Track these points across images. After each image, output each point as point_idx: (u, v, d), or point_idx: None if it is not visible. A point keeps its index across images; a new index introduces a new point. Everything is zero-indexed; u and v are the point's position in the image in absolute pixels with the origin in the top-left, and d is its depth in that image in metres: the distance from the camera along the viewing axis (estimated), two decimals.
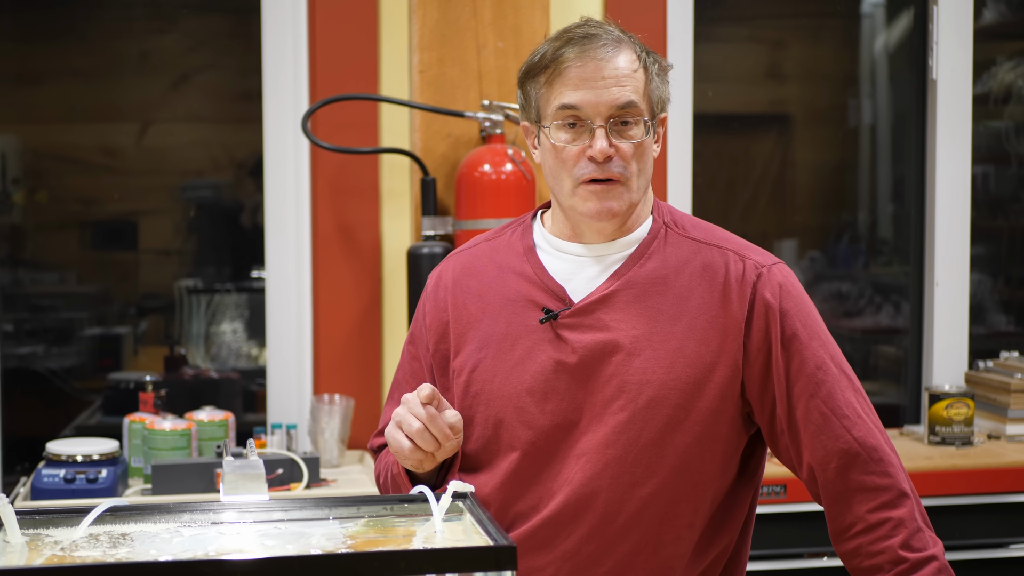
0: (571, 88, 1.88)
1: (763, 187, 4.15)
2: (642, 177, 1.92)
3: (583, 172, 1.90)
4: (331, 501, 1.65)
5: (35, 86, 3.89)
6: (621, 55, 1.89)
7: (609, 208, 1.90)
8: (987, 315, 4.18)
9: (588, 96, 1.88)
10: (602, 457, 1.89)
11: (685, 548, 1.92)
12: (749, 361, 1.91)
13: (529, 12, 3.30)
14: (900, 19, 4.04)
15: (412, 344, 2.09)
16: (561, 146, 1.91)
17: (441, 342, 2.03)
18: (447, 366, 2.02)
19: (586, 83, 1.88)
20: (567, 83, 1.89)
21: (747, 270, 1.93)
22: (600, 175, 1.89)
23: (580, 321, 1.93)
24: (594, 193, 1.90)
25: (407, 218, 3.43)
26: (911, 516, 1.88)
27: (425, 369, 2.06)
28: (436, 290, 2.06)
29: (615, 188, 1.90)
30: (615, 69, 1.88)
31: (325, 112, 3.37)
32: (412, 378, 2.07)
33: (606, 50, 1.88)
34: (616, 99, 1.87)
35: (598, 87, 1.87)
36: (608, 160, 1.89)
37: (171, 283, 3.94)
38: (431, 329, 2.04)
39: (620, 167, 1.89)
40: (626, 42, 1.91)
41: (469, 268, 2.04)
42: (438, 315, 2.04)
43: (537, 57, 1.93)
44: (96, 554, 1.49)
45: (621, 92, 1.87)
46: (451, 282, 2.04)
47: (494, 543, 1.48)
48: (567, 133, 1.90)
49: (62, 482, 2.90)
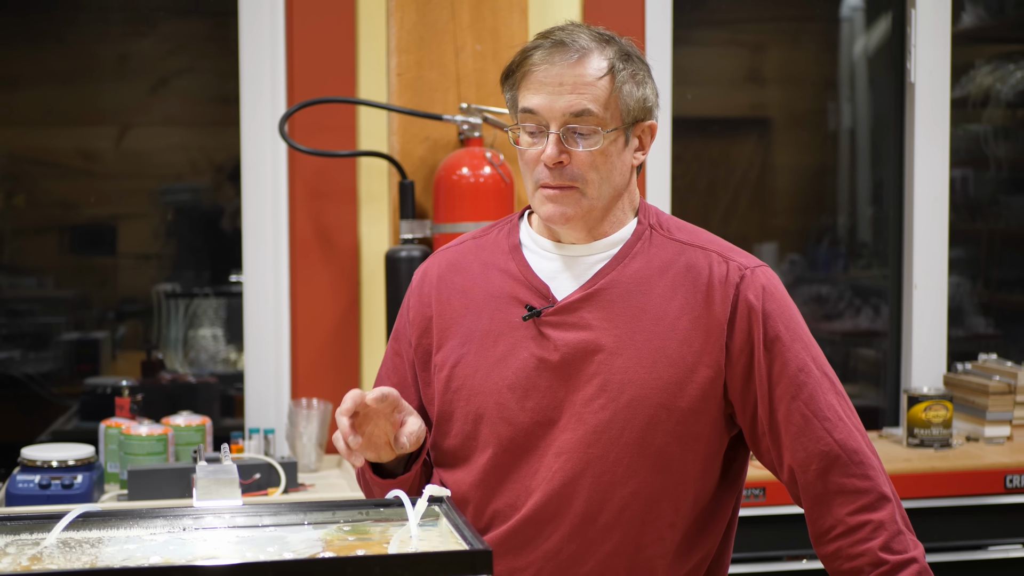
0: (532, 92, 1.90)
1: (743, 190, 4.15)
2: (605, 184, 1.92)
3: (539, 176, 1.91)
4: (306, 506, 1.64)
5: (12, 90, 3.87)
6: (586, 62, 1.88)
7: (563, 213, 1.91)
8: (965, 318, 4.19)
9: (544, 101, 1.89)
10: (583, 456, 1.89)
11: (667, 548, 1.92)
12: (731, 362, 1.91)
13: (507, 15, 3.30)
14: (879, 23, 4.05)
15: (395, 340, 2.09)
16: (524, 149, 1.93)
17: (424, 337, 2.03)
18: (429, 361, 2.02)
19: (545, 87, 1.89)
20: (530, 87, 1.90)
21: (730, 272, 1.93)
22: (551, 181, 1.90)
23: (563, 319, 1.93)
24: (548, 198, 1.91)
25: (385, 221, 3.43)
26: (892, 519, 1.88)
27: (406, 365, 2.06)
28: (421, 285, 2.06)
29: (569, 194, 1.90)
30: (575, 76, 1.88)
31: (303, 115, 3.36)
32: (393, 373, 2.08)
33: (569, 56, 1.88)
34: (570, 106, 1.88)
35: (555, 92, 1.88)
36: (560, 166, 1.89)
37: (150, 287, 3.93)
38: (414, 324, 2.04)
39: (572, 175, 1.90)
40: (595, 50, 1.90)
41: (455, 264, 2.05)
42: (422, 310, 2.04)
43: (513, 59, 1.94)
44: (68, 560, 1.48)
45: (577, 100, 1.87)
46: (436, 278, 2.05)
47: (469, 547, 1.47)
48: (528, 136, 1.92)
49: (37, 488, 2.88)
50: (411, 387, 2.06)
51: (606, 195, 1.93)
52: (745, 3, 4.16)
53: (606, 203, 1.94)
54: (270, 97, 3.44)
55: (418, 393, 2.05)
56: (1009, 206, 4.25)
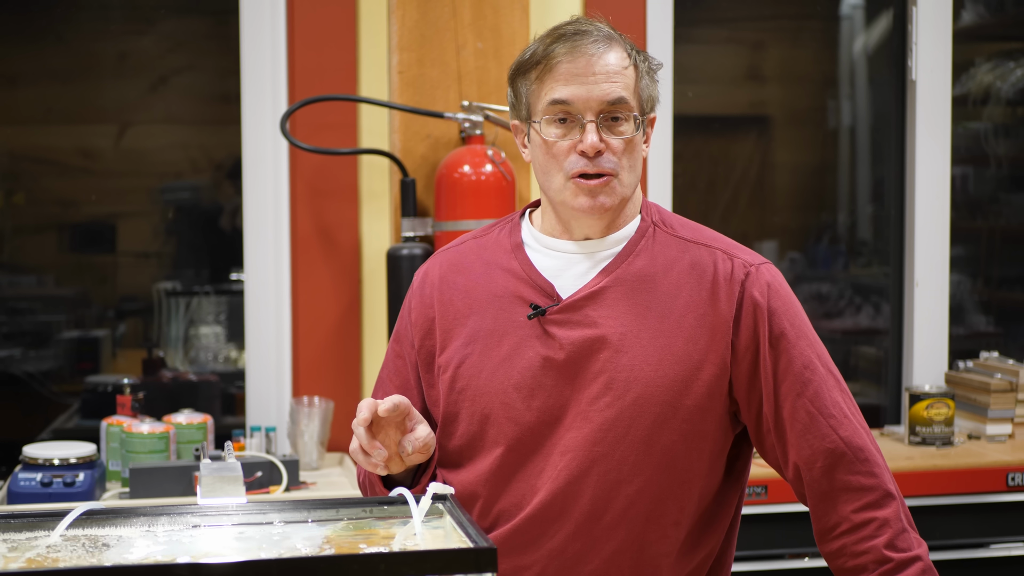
0: (562, 83, 1.89)
1: (743, 188, 4.15)
2: (632, 173, 1.93)
3: (574, 166, 1.90)
4: (310, 504, 1.64)
5: (12, 88, 3.87)
6: (612, 52, 1.90)
7: (601, 204, 1.91)
8: (966, 316, 4.19)
9: (579, 91, 1.88)
10: (588, 454, 1.89)
11: (671, 547, 1.92)
12: (737, 359, 1.91)
13: (509, 13, 3.30)
14: (879, 21, 4.04)
15: (397, 342, 2.09)
16: (552, 141, 1.91)
17: (427, 338, 2.02)
18: (432, 363, 2.02)
19: (577, 78, 1.88)
20: (558, 78, 1.89)
21: (735, 269, 1.93)
22: (591, 170, 1.90)
23: (568, 317, 1.92)
24: (585, 189, 1.90)
25: (387, 219, 3.42)
26: (896, 516, 1.88)
27: (409, 367, 2.05)
28: (423, 287, 2.06)
29: (607, 184, 1.90)
30: (606, 65, 1.89)
31: (304, 113, 3.35)
32: (396, 376, 2.07)
33: (597, 46, 1.89)
34: (607, 94, 1.88)
35: (589, 82, 1.88)
36: (599, 155, 1.89)
37: (150, 285, 3.92)
38: (416, 325, 2.03)
39: (610, 162, 1.90)
40: (617, 40, 1.92)
41: (456, 265, 2.04)
42: (424, 311, 2.03)
43: (528, 54, 1.94)
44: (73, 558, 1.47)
45: (612, 88, 1.88)
46: (438, 279, 2.04)
47: (474, 545, 1.47)
48: (558, 128, 1.91)
49: (39, 486, 2.88)
50: (414, 389, 2.05)
51: (633, 184, 1.95)
52: (745, 1, 4.15)
53: (631, 193, 1.95)
54: (271, 95, 3.44)
55: (421, 395, 2.05)
56: (1009, 204, 4.25)
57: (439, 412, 2.01)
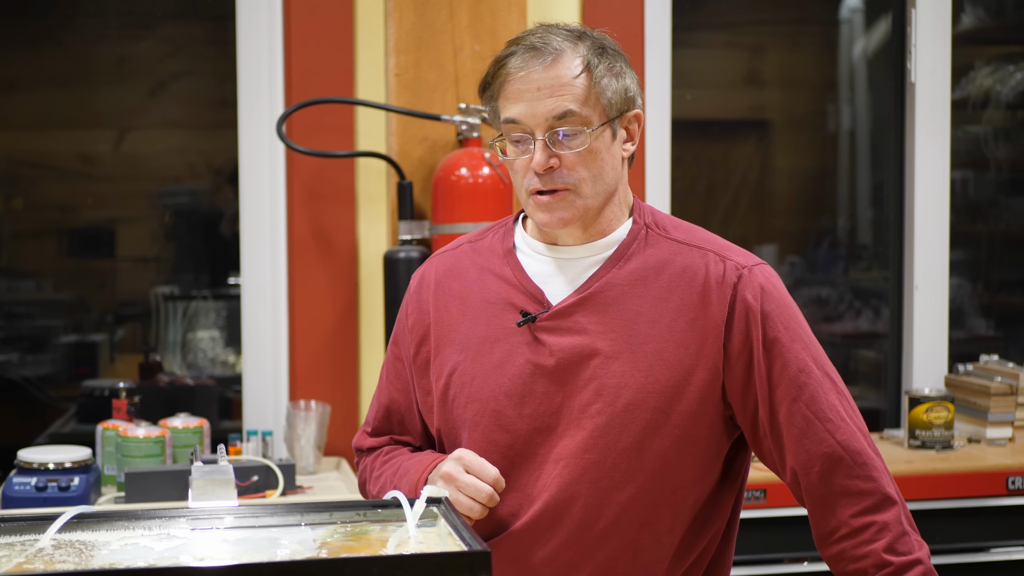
0: (512, 101, 1.88)
1: (743, 192, 4.14)
2: (598, 182, 1.90)
3: (530, 184, 1.90)
4: (303, 507, 1.63)
5: (11, 93, 3.86)
6: (560, 63, 1.87)
7: (560, 218, 1.90)
8: (966, 319, 4.18)
9: (525, 109, 1.87)
10: (580, 462, 1.87)
11: (665, 553, 1.91)
12: (730, 364, 1.89)
13: (506, 15, 3.29)
14: (879, 24, 4.04)
15: (396, 345, 2.08)
16: (511, 159, 1.91)
17: (423, 344, 2.01)
18: (428, 368, 2.01)
19: (524, 95, 1.87)
20: (509, 96, 1.89)
21: (727, 271, 1.91)
22: (544, 187, 1.89)
23: (558, 324, 1.91)
24: (541, 205, 1.90)
25: (384, 222, 3.42)
26: (896, 520, 1.87)
27: (407, 370, 2.05)
28: (419, 291, 2.05)
29: (563, 198, 1.89)
30: (551, 79, 1.86)
31: (301, 116, 3.35)
32: (397, 379, 2.07)
33: (543, 59, 1.86)
34: (552, 110, 1.86)
35: (534, 99, 1.86)
36: (551, 170, 1.88)
37: (148, 290, 3.92)
38: (413, 331, 2.03)
39: (564, 177, 1.88)
40: (568, 49, 1.88)
41: (451, 269, 2.03)
42: (420, 317, 2.03)
43: (487, 71, 1.93)
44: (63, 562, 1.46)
45: (557, 102, 1.85)
46: (433, 283, 2.04)
47: (468, 548, 1.46)
48: (514, 147, 1.91)
49: (33, 490, 2.87)
50: (412, 392, 2.05)
51: (600, 192, 1.91)
52: (744, 5, 4.15)
53: (601, 201, 1.92)
54: (268, 98, 3.43)
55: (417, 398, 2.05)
56: (1009, 208, 4.25)
57: (432, 418, 2.00)
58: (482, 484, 1.86)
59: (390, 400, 2.08)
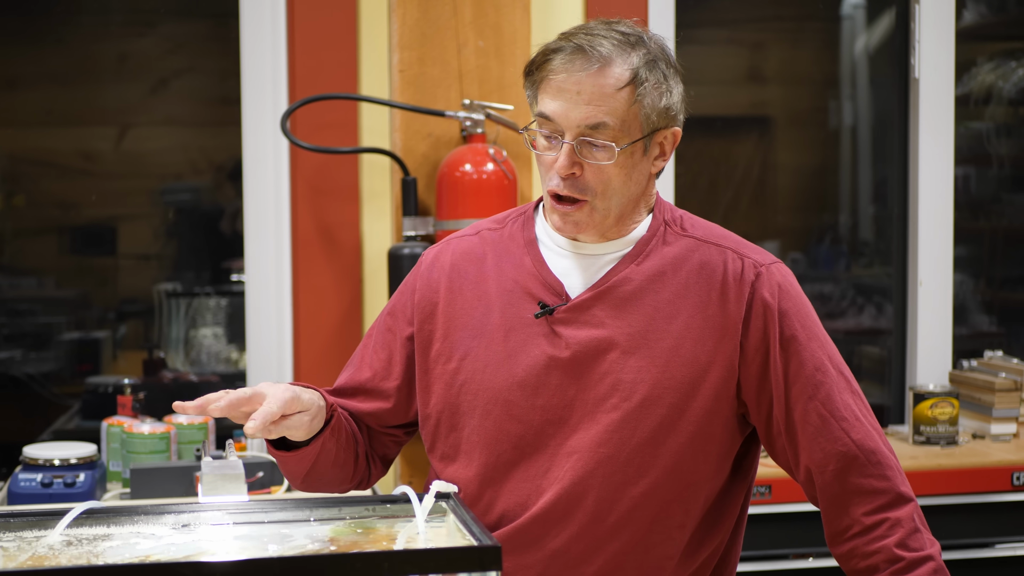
0: (550, 97, 1.86)
1: (745, 189, 4.14)
2: (611, 198, 1.88)
3: (551, 184, 1.89)
4: (312, 502, 1.63)
5: (12, 90, 3.86)
6: (606, 72, 1.83)
7: (574, 224, 1.89)
8: (969, 316, 4.18)
9: (560, 108, 1.85)
10: (594, 456, 1.87)
11: (675, 549, 1.91)
12: (746, 361, 1.89)
13: (510, 11, 3.29)
14: (881, 20, 4.03)
15: (391, 316, 2.06)
16: (539, 153, 1.90)
17: (427, 322, 2.00)
18: (429, 348, 2.00)
19: (562, 95, 1.84)
20: (547, 91, 1.87)
21: (745, 269, 1.91)
22: (562, 191, 1.87)
23: (576, 317, 1.91)
24: (559, 211, 1.89)
25: (388, 219, 3.41)
26: (909, 517, 1.87)
27: (398, 342, 2.03)
28: (431, 269, 2.04)
29: (580, 208, 1.88)
30: (592, 87, 1.83)
31: (304, 113, 3.35)
32: (382, 349, 2.05)
33: (590, 64, 1.83)
34: (586, 118, 1.83)
35: (572, 101, 1.84)
36: (572, 177, 1.86)
37: (150, 287, 3.92)
38: (419, 306, 2.01)
39: (585, 187, 1.86)
40: (617, 58, 1.84)
41: (469, 254, 2.02)
42: (428, 295, 2.01)
43: (534, 56, 1.90)
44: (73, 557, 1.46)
45: (593, 112, 1.83)
46: (448, 264, 2.02)
47: (478, 543, 1.46)
48: (544, 140, 1.89)
49: (39, 486, 2.87)
50: (398, 365, 2.03)
51: (618, 206, 1.90)
52: (746, 2, 4.15)
53: (619, 212, 1.91)
54: (271, 95, 3.43)
55: (403, 372, 2.02)
56: (1012, 204, 4.24)
57: (428, 398, 1.99)
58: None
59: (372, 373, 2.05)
